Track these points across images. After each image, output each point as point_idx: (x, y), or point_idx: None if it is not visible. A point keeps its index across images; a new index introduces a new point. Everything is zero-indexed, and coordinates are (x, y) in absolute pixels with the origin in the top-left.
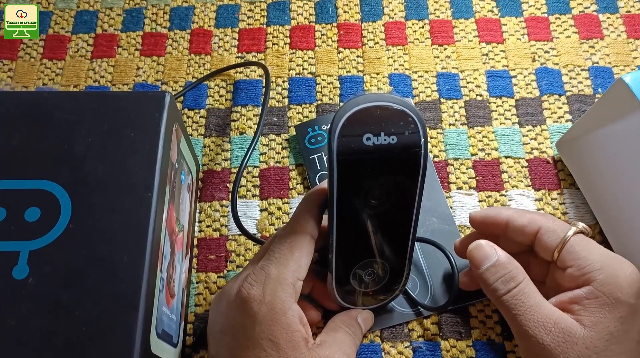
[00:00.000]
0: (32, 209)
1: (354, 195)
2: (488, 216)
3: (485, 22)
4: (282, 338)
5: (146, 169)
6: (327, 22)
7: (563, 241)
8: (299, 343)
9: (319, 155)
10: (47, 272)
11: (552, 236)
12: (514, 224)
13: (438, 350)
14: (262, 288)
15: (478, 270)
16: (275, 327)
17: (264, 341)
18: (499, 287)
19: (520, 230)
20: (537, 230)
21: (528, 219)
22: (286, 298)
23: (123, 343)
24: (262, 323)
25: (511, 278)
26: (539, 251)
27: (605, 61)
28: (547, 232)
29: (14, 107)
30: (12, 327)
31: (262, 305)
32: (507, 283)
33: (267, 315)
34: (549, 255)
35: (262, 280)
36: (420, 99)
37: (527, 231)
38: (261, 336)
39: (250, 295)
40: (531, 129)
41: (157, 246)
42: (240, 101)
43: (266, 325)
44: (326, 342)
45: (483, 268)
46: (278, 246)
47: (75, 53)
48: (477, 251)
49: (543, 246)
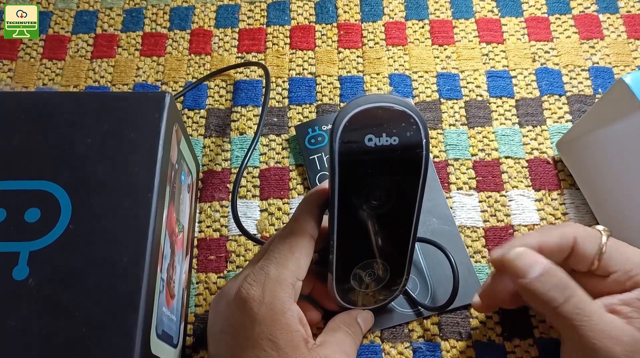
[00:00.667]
0: (32, 210)
1: (355, 195)
2: (519, 256)
3: (485, 22)
4: (282, 339)
5: (146, 170)
6: (327, 22)
7: (600, 248)
8: (298, 344)
9: (319, 155)
10: (47, 273)
11: (589, 245)
12: (548, 245)
13: (438, 350)
14: (262, 289)
15: (524, 279)
16: (274, 327)
17: (263, 341)
18: (555, 296)
19: (556, 249)
20: (572, 242)
21: (559, 235)
22: (285, 299)
23: (123, 344)
24: (261, 323)
25: (565, 285)
26: (575, 263)
27: (605, 61)
28: (584, 241)
29: (14, 108)
30: (12, 327)
31: (261, 305)
32: (563, 291)
33: (266, 315)
34: (587, 265)
35: (261, 280)
36: (421, 100)
37: (564, 247)
38: (261, 336)
39: (249, 295)
40: (531, 130)
41: (157, 247)
42: (240, 101)
43: (266, 325)
44: (326, 342)
45: (532, 277)
46: (278, 246)
47: (75, 53)
48: (520, 260)
49: (581, 257)
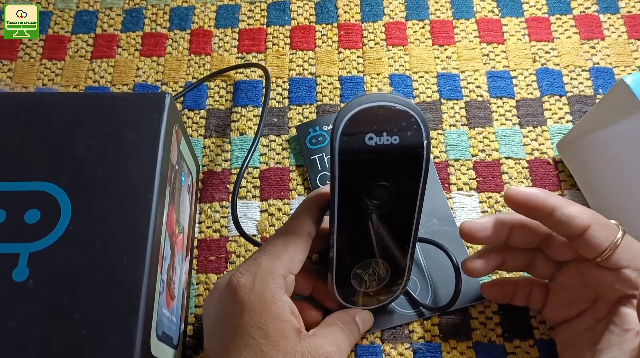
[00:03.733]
0: (32, 211)
1: (355, 194)
2: (536, 197)
3: (485, 22)
4: (272, 327)
5: (146, 171)
6: (328, 22)
7: (615, 241)
8: (289, 333)
9: (320, 156)
10: (47, 274)
11: (604, 235)
12: (562, 212)
13: (438, 351)
14: (252, 277)
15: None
16: (264, 316)
17: (253, 329)
18: None
19: (567, 221)
20: (587, 225)
21: (578, 211)
22: (276, 289)
23: (123, 345)
24: (250, 311)
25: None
26: (583, 247)
27: (606, 62)
28: (600, 229)
29: (14, 109)
30: (12, 329)
31: (251, 293)
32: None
33: (255, 304)
34: (596, 254)
35: (253, 269)
36: (421, 100)
37: (575, 224)
38: (250, 324)
39: (239, 283)
40: (532, 130)
41: (157, 248)
42: (241, 101)
43: (255, 313)
44: (318, 333)
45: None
46: (273, 240)
47: (75, 53)
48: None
49: (593, 244)
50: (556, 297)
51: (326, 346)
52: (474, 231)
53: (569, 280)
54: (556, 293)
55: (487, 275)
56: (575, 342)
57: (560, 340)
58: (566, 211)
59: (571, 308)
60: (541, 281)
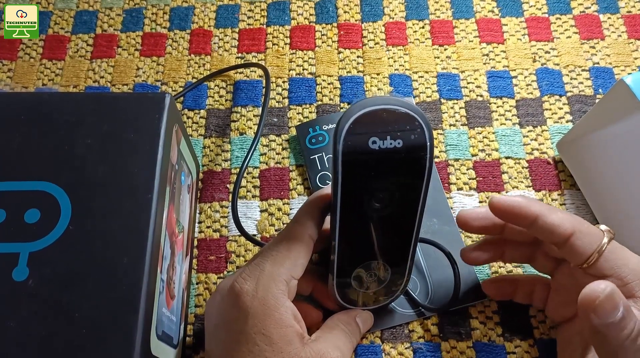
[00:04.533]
0: (32, 211)
1: (357, 197)
2: (519, 205)
3: (485, 22)
4: (275, 333)
5: (146, 171)
6: (328, 22)
7: (599, 248)
8: (292, 339)
9: (319, 155)
10: (47, 274)
11: (587, 242)
12: (544, 221)
13: (438, 351)
14: (256, 283)
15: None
16: (267, 322)
17: (257, 335)
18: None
19: (550, 229)
20: (570, 232)
21: (560, 219)
22: (279, 295)
23: (123, 345)
24: (254, 317)
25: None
26: (567, 254)
27: (606, 62)
28: (583, 237)
29: (14, 109)
30: (12, 328)
31: (254, 299)
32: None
33: (259, 310)
34: (580, 261)
35: (256, 275)
36: (421, 100)
37: (558, 232)
38: (254, 330)
39: (243, 289)
40: (532, 130)
41: (157, 247)
42: (240, 101)
43: (258, 319)
44: (321, 337)
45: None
46: (276, 245)
47: (75, 53)
48: (609, 303)
49: (576, 252)
50: (556, 296)
51: (330, 351)
52: (468, 220)
53: (565, 280)
54: (556, 292)
55: (486, 264)
56: (573, 343)
57: (560, 339)
58: (549, 220)
59: (569, 308)
60: (545, 279)
